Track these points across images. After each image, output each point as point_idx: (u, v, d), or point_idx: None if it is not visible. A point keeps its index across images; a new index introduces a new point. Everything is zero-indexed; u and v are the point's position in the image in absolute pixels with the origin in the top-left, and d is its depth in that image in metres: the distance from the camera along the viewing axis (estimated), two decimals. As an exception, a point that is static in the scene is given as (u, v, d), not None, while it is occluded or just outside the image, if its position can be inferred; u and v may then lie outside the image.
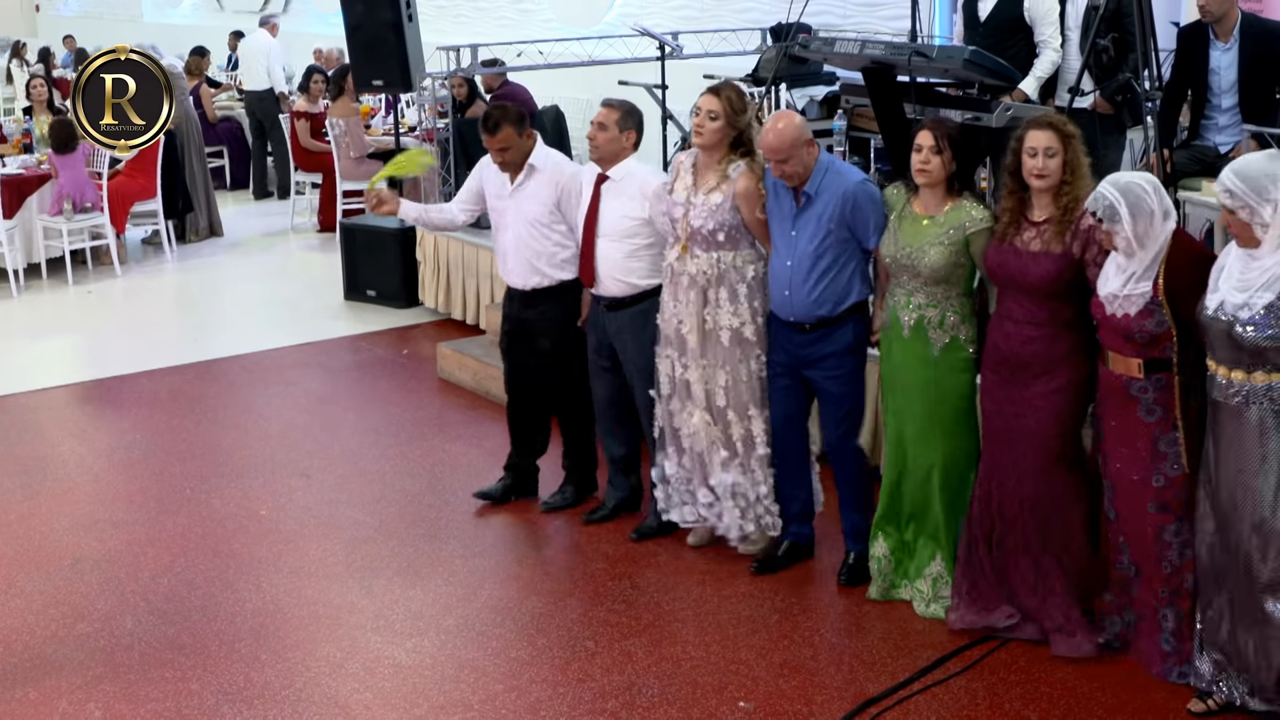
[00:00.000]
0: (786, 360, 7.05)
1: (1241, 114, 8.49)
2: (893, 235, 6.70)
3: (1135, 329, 5.88)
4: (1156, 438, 6.01)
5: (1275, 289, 5.39)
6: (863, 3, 14.08)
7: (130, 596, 7.22)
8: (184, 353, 11.45)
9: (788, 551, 7.39)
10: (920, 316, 6.64)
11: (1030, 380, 6.34)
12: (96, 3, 29.48)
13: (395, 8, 12.03)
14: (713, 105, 7.03)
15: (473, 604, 7.10)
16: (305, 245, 15.69)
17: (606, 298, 7.59)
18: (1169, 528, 6.08)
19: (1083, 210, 6.09)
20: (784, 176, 6.84)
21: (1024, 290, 6.28)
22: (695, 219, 7.04)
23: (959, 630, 6.64)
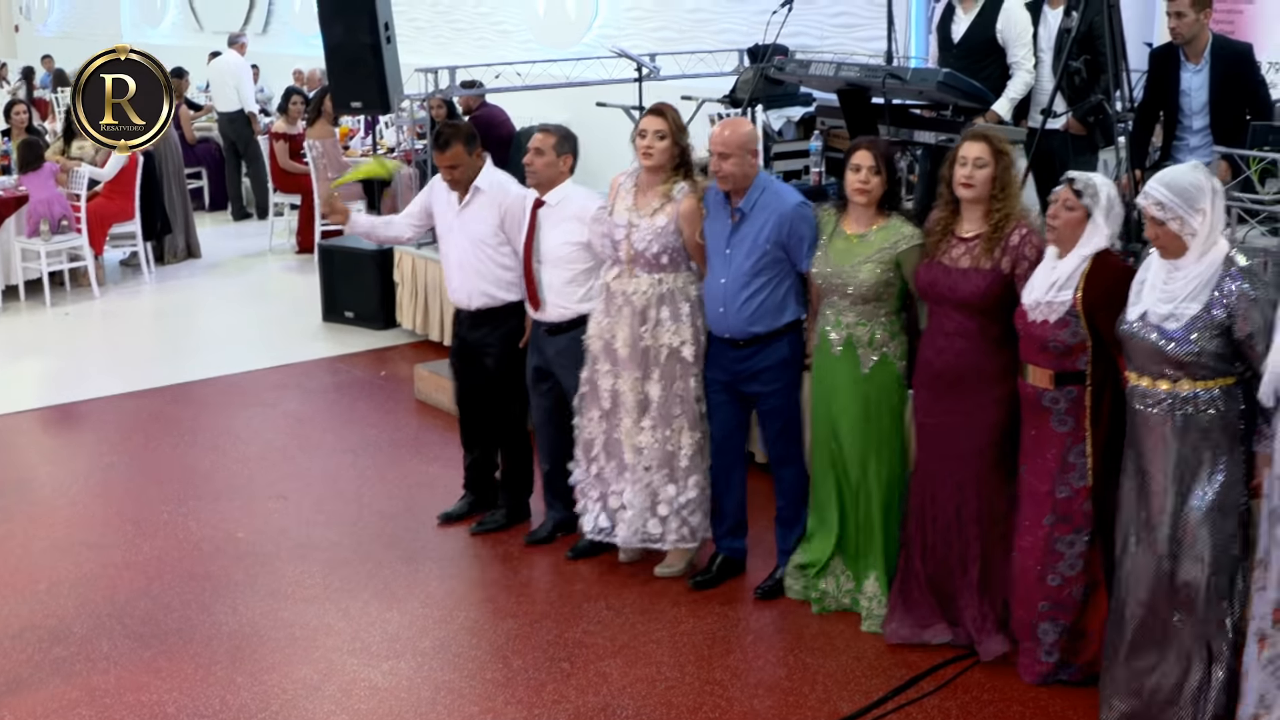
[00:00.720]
0: (724, 377, 7.13)
1: (1213, 135, 8.54)
2: (824, 255, 6.79)
3: (1050, 338, 6.01)
4: (1067, 448, 6.15)
5: (1201, 299, 5.49)
6: (840, 24, 14.13)
7: (106, 620, 7.22)
8: (162, 375, 11.44)
9: (721, 566, 7.46)
10: (850, 335, 6.75)
11: (964, 394, 6.45)
12: (76, 23, 29.48)
13: (374, 29, 12.05)
14: (660, 125, 7.11)
15: (449, 626, 7.11)
16: (284, 266, 15.69)
17: (546, 322, 7.67)
18: (1064, 538, 6.21)
19: (1012, 227, 6.26)
20: (720, 175, 6.91)
21: (955, 306, 6.39)
22: (639, 241, 7.10)
23: (895, 644, 6.72)
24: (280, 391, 11.00)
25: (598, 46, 15.73)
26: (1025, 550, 6.31)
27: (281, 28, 23.99)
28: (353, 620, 7.18)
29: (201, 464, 9.43)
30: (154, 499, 8.79)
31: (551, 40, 17.76)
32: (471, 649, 6.87)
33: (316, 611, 7.29)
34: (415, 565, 7.78)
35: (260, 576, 7.70)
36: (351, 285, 12.67)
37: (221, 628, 7.12)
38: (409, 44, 15.00)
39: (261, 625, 7.15)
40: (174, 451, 9.70)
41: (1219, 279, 5.50)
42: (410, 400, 10.65)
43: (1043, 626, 6.32)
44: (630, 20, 16.97)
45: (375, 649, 6.89)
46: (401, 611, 7.26)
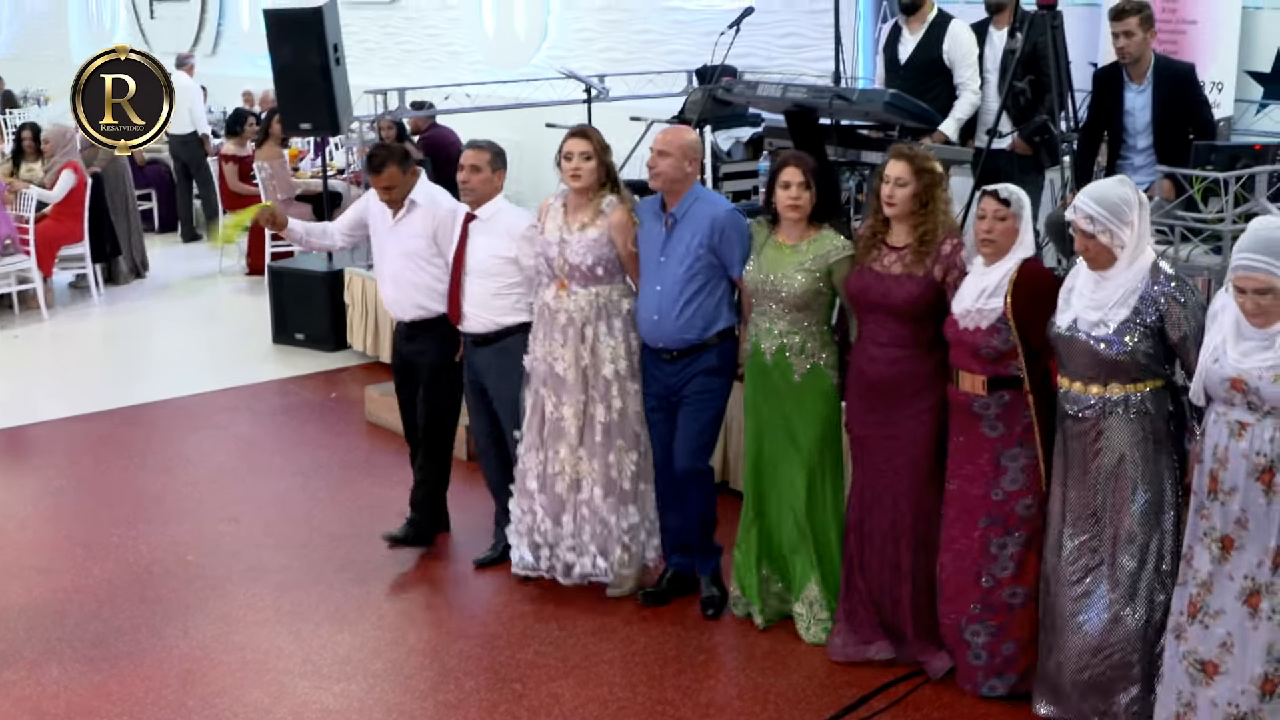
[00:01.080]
0: (659, 392, 7.20)
1: (1156, 154, 8.61)
2: (757, 263, 6.88)
3: (983, 345, 6.13)
4: (999, 453, 6.24)
5: (1130, 304, 5.66)
6: (787, 45, 14.18)
7: (56, 644, 7.20)
8: (111, 397, 11.40)
9: (671, 581, 7.50)
10: (782, 344, 6.83)
11: (898, 403, 6.53)
12: (24, 44, 29.30)
13: (323, 51, 12.04)
14: (585, 147, 7.20)
15: (401, 647, 7.11)
16: (234, 288, 15.65)
17: (473, 334, 7.73)
18: (997, 540, 6.30)
19: (944, 237, 6.39)
20: (655, 173, 7.02)
21: (887, 312, 6.48)
22: (573, 255, 7.16)
23: (839, 662, 6.78)
24: (231, 414, 10.98)
25: (547, 68, 15.75)
26: (959, 554, 6.39)
27: (230, 48, 23.92)
28: (304, 643, 7.17)
29: (152, 487, 9.40)
30: (104, 522, 8.76)
31: (501, 62, 17.78)
32: (424, 670, 6.87)
33: (268, 634, 7.28)
34: (367, 587, 7.77)
35: (211, 600, 7.68)
36: (302, 307, 12.65)
37: (172, 651, 7.11)
38: (358, 65, 15.00)
39: (212, 648, 7.14)
40: (124, 475, 9.67)
41: (1148, 285, 5.67)
42: (361, 422, 10.65)
43: (972, 628, 6.40)
44: (579, 41, 17.01)
45: (327, 671, 6.88)
46: (353, 634, 7.26)
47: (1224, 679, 5.39)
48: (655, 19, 15.98)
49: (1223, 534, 5.36)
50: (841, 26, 12.36)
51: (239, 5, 23.42)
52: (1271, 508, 5.24)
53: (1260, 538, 5.28)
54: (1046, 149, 9.30)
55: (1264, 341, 5.21)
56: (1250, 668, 5.33)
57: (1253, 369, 5.20)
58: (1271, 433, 5.21)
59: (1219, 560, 5.39)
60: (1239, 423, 5.28)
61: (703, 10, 15.07)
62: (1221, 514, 5.36)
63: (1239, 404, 5.27)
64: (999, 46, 9.68)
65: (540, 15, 17.53)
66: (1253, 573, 5.31)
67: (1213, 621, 5.41)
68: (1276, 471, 5.22)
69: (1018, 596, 6.32)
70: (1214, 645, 5.41)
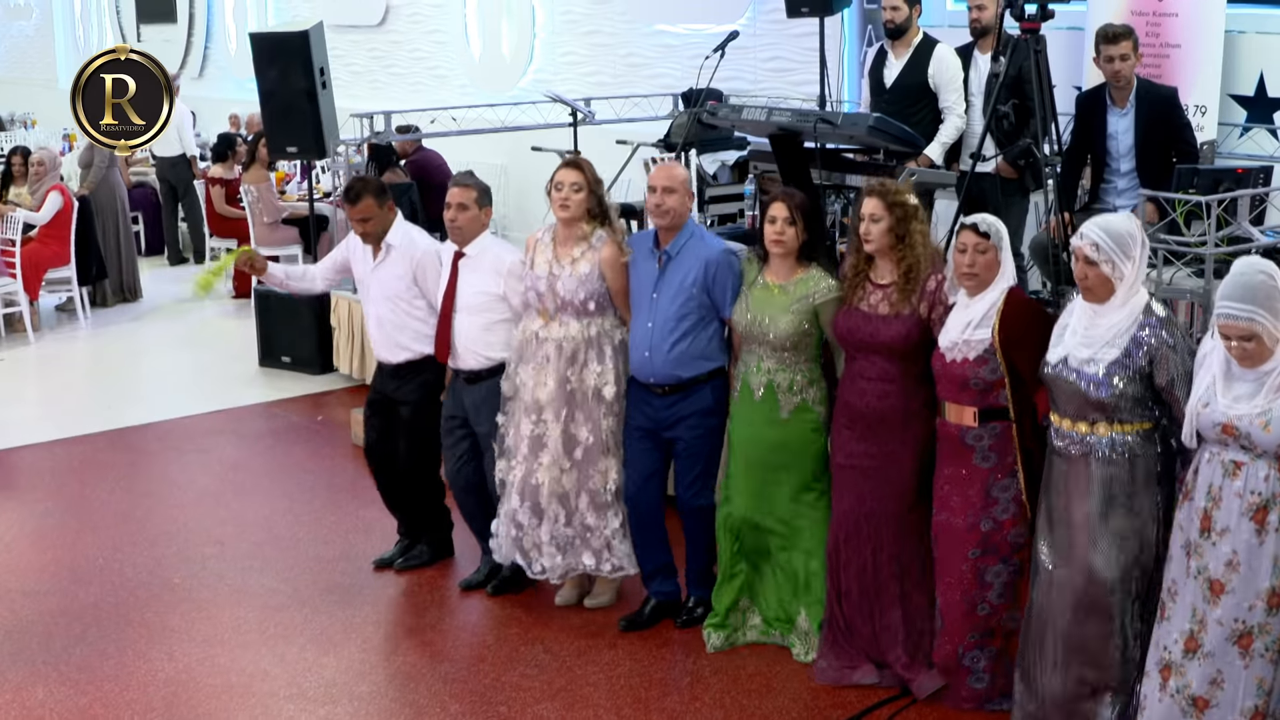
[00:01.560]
0: (645, 424, 7.24)
1: (1140, 178, 8.65)
2: (744, 304, 6.94)
3: (972, 376, 6.17)
4: (990, 484, 6.29)
5: (1120, 345, 5.67)
6: (773, 69, 14.22)
7: (42, 667, 7.19)
8: (97, 421, 11.40)
9: (654, 610, 7.53)
10: (770, 381, 6.89)
11: (885, 434, 6.59)
12: (10, 67, 29.31)
13: (309, 75, 12.06)
14: (576, 178, 7.24)
15: (386, 670, 7.12)
16: (220, 311, 15.63)
17: (465, 371, 7.73)
18: (991, 569, 6.36)
19: (926, 273, 6.44)
20: (662, 210, 7.05)
21: (877, 351, 6.54)
22: (564, 290, 7.19)
23: (823, 685, 6.81)
24: (216, 437, 10.98)
25: (533, 91, 15.77)
26: (950, 585, 6.42)
27: (217, 72, 23.95)
28: (289, 666, 7.17)
29: (138, 510, 9.40)
30: (90, 545, 8.75)
31: (487, 85, 17.80)
32: (409, 694, 6.88)
33: (253, 657, 7.28)
34: (352, 610, 7.78)
35: (197, 623, 7.68)
36: (288, 330, 12.65)
37: (158, 674, 7.11)
38: (344, 88, 15.03)
39: (198, 672, 7.14)
40: (110, 497, 9.66)
41: (1139, 326, 5.67)
42: (347, 445, 10.64)
43: (972, 654, 6.46)
44: (565, 65, 17.04)
45: (312, 694, 6.88)
46: (338, 656, 7.26)
47: (1214, 711, 5.43)
48: (641, 43, 16.02)
49: (1212, 577, 5.38)
50: (826, 50, 12.44)
51: (226, 28, 23.44)
52: (1264, 548, 5.27)
53: (1251, 580, 5.30)
54: (1031, 172, 9.36)
55: (1254, 384, 5.25)
56: (1241, 702, 5.38)
57: (1243, 415, 5.23)
58: (1266, 472, 5.24)
59: (1208, 602, 5.41)
60: (1234, 462, 5.30)
61: (688, 34, 15.11)
62: (1213, 554, 5.37)
63: (1232, 446, 5.31)
64: (983, 70, 9.74)
65: (526, 39, 17.56)
66: (1243, 616, 5.33)
67: (1204, 661, 5.43)
68: (1270, 510, 5.25)
69: (1015, 621, 6.39)
70: (1205, 682, 5.44)
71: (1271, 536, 5.26)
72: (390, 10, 19.66)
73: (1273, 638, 5.32)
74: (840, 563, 6.79)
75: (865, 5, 12.97)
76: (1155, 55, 9.84)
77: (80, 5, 27.43)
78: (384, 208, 7.96)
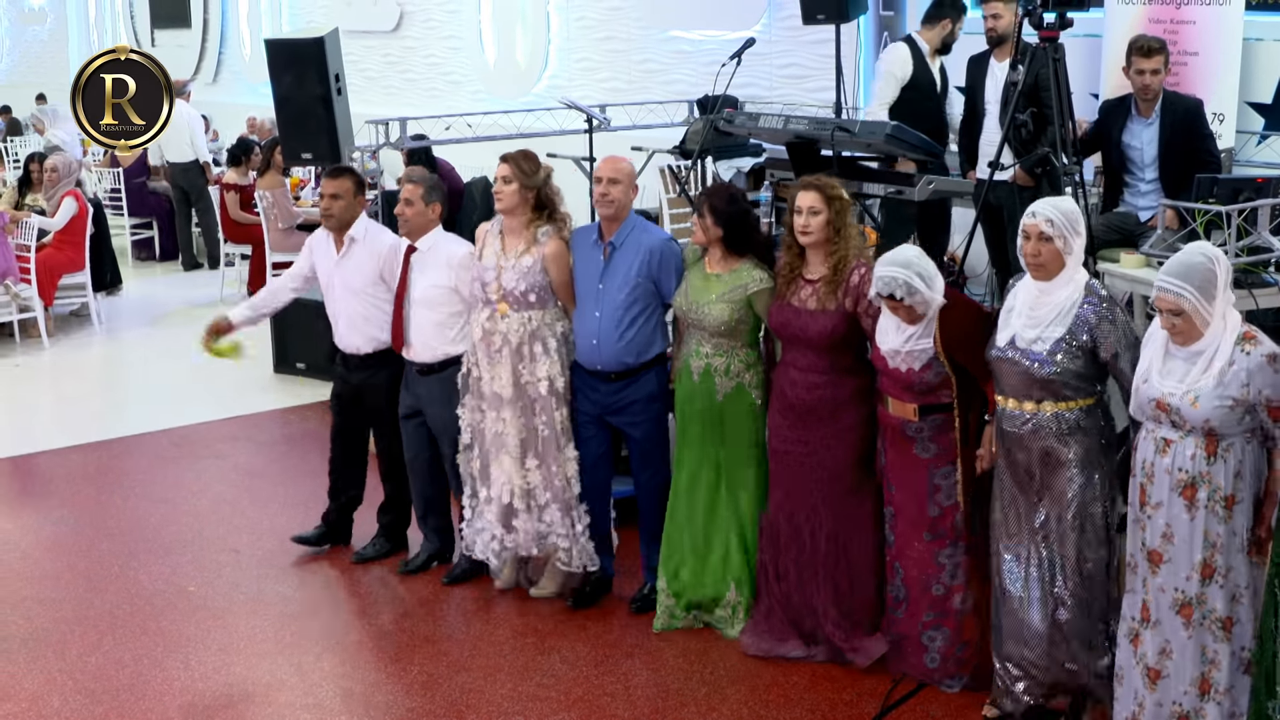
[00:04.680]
0: (593, 410, 7.52)
1: (1163, 186, 8.63)
2: (684, 290, 7.22)
3: (916, 381, 6.44)
4: (932, 472, 6.62)
5: (1066, 323, 5.97)
6: (789, 75, 14.21)
7: (57, 675, 7.19)
8: (112, 427, 11.40)
9: (595, 585, 7.84)
10: (708, 364, 7.18)
11: (818, 423, 6.89)
12: (24, 72, 29.36)
13: (324, 81, 12.02)
14: (505, 171, 7.47)
15: (403, 680, 7.10)
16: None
17: (419, 363, 7.96)
18: (943, 552, 6.66)
19: (854, 266, 6.71)
20: (607, 200, 7.31)
21: (806, 344, 6.81)
22: (508, 281, 7.42)
23: (751, 655, 7.14)
24: (231, 444, 10.97)
25: (548, 97, 15.77)
26: (912, 562, 6.73)
27: (232, 77, 23.98)
28: (306, 675, 7.16)
29: (152, 517, 9.39)
30: (105, 553, 8.75)
31: (502, 91, 17.81)
32: (426, 704, 6.86)
33: (269, 666, 7.28)
34: (369, 619, 7.77)
35: (213, 631, 7.67)
36: (302, 336, 12.62)
37: (174, 683, 7.10)
38: (359, 94, 14.99)
39: (214, 681, 7.13)
40: (125, 505, 9.66)
41: (1082, 304, 5.96)
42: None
43: (929, 634, 6.76)
44: (580, 71, 17.04)
45: (329, 704, 6.87)
46: (355, 666, 7.25)
47: (1165, 683, 5.71)
48: (656, 49, 16.01)
49: (1150, 548, 5.67)
50: (843, 58, 12.42)
51: (240, 34, 23.48)
52: (1194, 523, 5.53)
53: (1186, 552, 5.57)
54: (1048, 180, 9.31)
55: (1187, 363, 5.49)
56: (1189, 670, 5.64)
57: (1174, 392, 5.47)
58: (1193, 450, 5.49)
59: (1150, 573, 5.69)
60: (1164, 440, 5.56)
61: (704, 41, 15.10)
62: (1151, 526, 5.66)
63: (1164, 422, 5.54)
64: (1000, 78, 9.69)
65: (541, 45, 17.57)
66: (1182, 585, 5.60)
67: (1154, 630, 5.72)
68: (1198, 488, 5.50)
69: (967, 601, 6.72)
70: (1155, 653, 5.72)
71: (1201, 512, 5.51)
72: (405, 16, 19.70)
73: (1209, 608, 5.57)
74: (778, 543, 7.09)
75: (881, 12, 12.95)
76: (1173, 63, 9.78)
77: (94, 10, 27.52)
78: (357, 197, 8.19)
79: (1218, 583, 5.53)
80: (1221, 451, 5.46)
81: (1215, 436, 5.44)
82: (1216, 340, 5.44)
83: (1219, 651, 5.58)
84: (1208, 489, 5.48)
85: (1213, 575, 5.53)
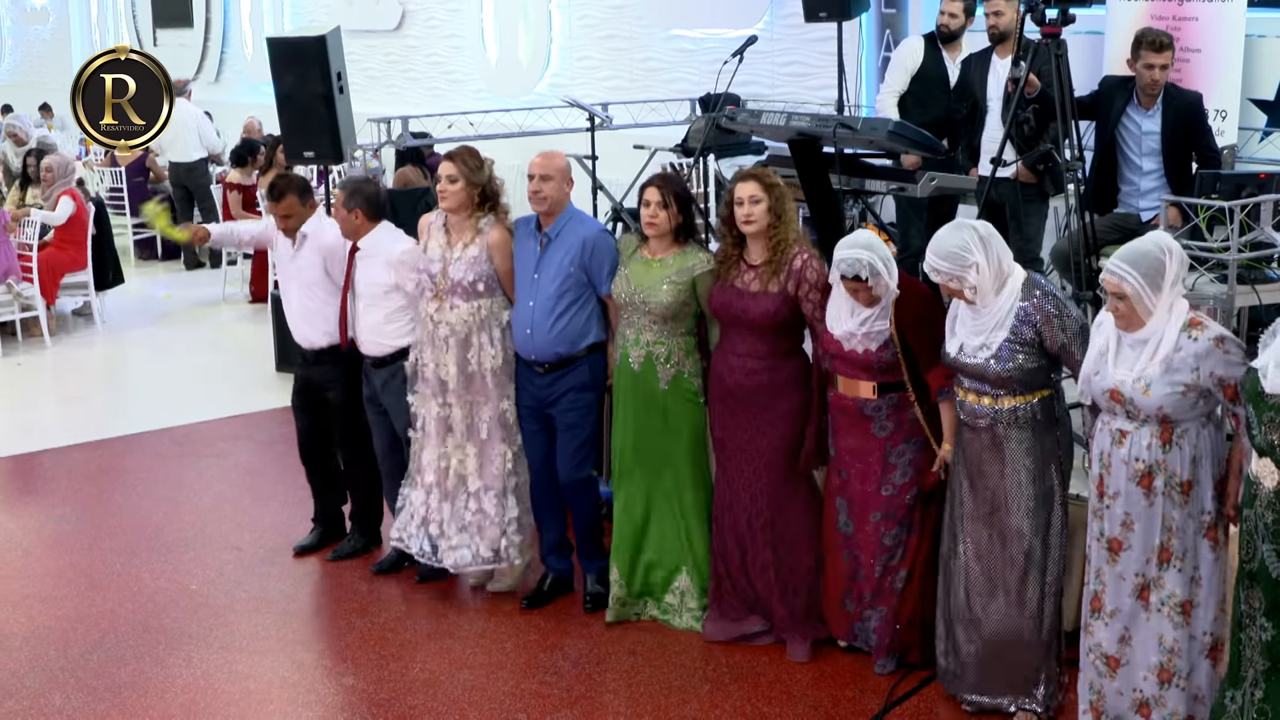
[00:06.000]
0: (531, 404, 7.60)
1: (1168, 181, 8.60)
2: (624, 278, 7.28)
3: (874, 361, 6.58)
4: (888, 452, 6.75)
5: (1008, 325, 6.06)
6: (791, 73, 14.20)
7: (59, 673, 7.19)
8: (114, 426, 11.40)
9: (552, 585, 7.90)
10: (648, 353, 7.26)
11: (757, 409, 7.01)
12: (28, 71, 29.39)
13: (326, 79, 12.00)
14: (449, 170, 7.53)
15: (405, 677, 7.09)
16: (237, 316, 15.64)
17: (370, 356, 8.08)
18: (890, 533, 6.77)
19: (795, 252, 6.83)
20: (540, 197, 7.37)
21: (747, 326, 6.93)
22: (455, 273, 7.49)
23: (713, 641, 7.28)
24: (233, 442, 10.97)
25: (550, 96, 15.77)
26: (861, 546, 6.84)
27: (234, 76, 23.98)
28: (308, 673, 7.16)
29: (154, 515, 9.38)
30: (107, 551, 8.74)
31: (504, 89, 17.81)
32: (428, 701, 6.85)
33: (271, 664, 7.27)
34: (370, 617, 7.76)
35: (214, 629, 7.67)
36: (305, 335, 12.61)
37: (175, 681, 7.10)
38: (361, 93, 14.99)
39: (216, 678, 7.13)
40: (127, 503, 9.65)
41: (1020, 302, 6.05)
42: (364, 450, 10.60)
43: (865, 613, 6.94)
44: (582, 69, 17.04)
45: (331, 701, 6.87)
46: (357, 663, 7.24)
47: (1126, 670, 5.80)
48: (658, 47, 16.01)
49: (1110, 536, 5.75)
50: (845, 55, 12.41)
51: (242, 33, 23.48)
52: (1153, 509, 5.62)
53: (1146, 537, 5.66)
54: (1050, 177, 9.31)
55: (1136, 351, 5.56)
56: (1147, 658, 5.74)
57: (1125, 380, 5.55)
58: (1149, 439, 5.58)
59: (1109, 561, 5.77)
60: (1120, 431, 5.65)
61: (705, 39, 15.10)
62: (1109, 516, 5.74)
63: (1119, 413, 5.63)
64: (1002, 75, 9.68)
65: (543, 43, 17.57)
66: (1142, 569, 5.69)
67: (1110, 620, 5.80)
68: (1155, 476, 5.58)
69: (902, 579, 6.84)
70: (1114, 641, 5.80)
71: (1159, 499, 5.60)
72: (407, 15, 19.70)
73: (1167, 592, 5.65)
74: (723, 527, 7.22)
75: (883, 10, 12.94)
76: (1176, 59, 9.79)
77: (96, 10, 27.52)
78: (305, 205, 8.28)
79: (1175, 566, 5.62)
80: (1176, 439, 5.54)
81: (1170, 424, 5.52)
82: (1161, 328, 5.50)
83: (1178, 639, 5.66)
84: (1164, 475, 5.56)
85: (1170, 560, 5.62)
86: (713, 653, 7.20)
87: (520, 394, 7.62)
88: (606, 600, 7.62)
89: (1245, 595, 5.27)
